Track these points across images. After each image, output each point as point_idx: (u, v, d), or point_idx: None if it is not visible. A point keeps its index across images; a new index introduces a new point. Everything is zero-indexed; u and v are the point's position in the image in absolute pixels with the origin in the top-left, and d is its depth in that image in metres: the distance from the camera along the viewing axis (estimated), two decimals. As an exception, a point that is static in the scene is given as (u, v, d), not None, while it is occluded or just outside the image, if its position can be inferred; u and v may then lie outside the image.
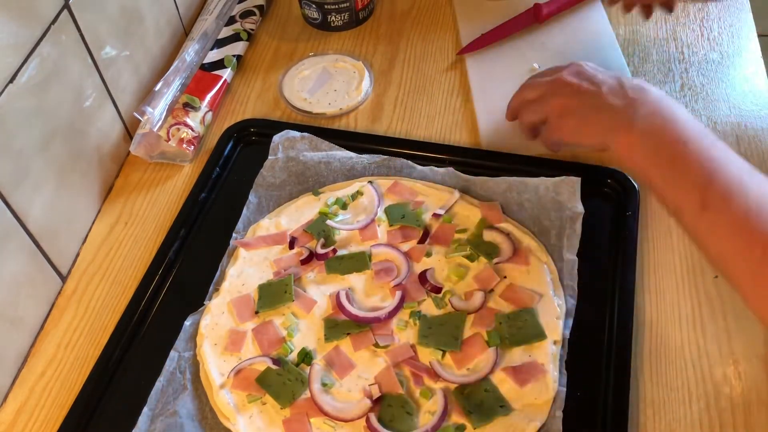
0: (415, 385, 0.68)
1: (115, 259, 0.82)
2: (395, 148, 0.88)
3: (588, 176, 0.80)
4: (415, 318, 0.72)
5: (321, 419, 0.66)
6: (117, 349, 0.72)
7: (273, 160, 0.86)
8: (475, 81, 0.97)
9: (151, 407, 0.67)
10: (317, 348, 0.71)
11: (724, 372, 0.69)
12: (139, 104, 0.89)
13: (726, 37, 1.00)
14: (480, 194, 0.82)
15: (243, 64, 1.03)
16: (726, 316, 0.73)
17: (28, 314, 0.74)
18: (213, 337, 0.72)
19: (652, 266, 0.77)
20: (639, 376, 0.69)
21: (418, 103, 0.96)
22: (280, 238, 0.80)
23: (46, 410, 0.70)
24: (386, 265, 0.77)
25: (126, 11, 0.88)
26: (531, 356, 0.69)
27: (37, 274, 0.75)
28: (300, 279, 0.77)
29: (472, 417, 0.65)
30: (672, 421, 0.66)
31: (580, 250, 0.75)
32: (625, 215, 0.79)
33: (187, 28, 1.04)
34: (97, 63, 0.82)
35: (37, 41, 0.71)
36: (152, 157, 0.90)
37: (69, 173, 0.80)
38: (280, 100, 0.97)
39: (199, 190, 0.85)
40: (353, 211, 0.82)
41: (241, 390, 0.69)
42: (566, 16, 1.04)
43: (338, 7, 1.03)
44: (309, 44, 1.05)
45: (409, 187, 0.83)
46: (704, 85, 0.94)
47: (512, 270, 0.75)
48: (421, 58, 1.02)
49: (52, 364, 0.74)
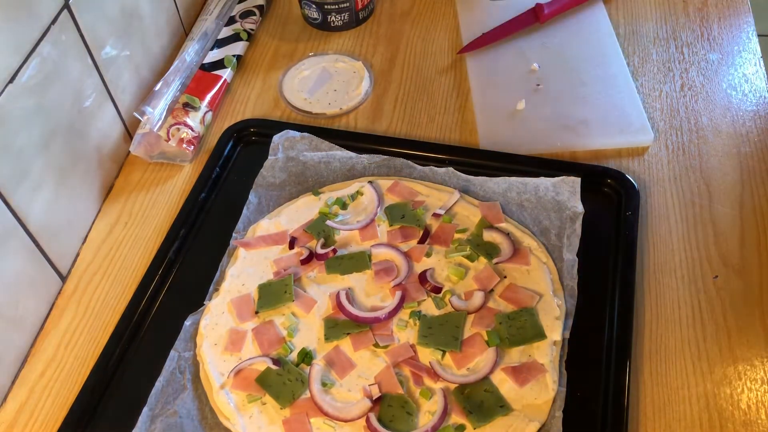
0: (415, 385, 0.68)
1: (115, 259, 0.82)
2: (395, 148, 0.88)
3: (588, 176, 0.80)
4: (415, 318, 0.72)
5: (321, 419, 0.66)
6: (117, 349, 0.72)
7: (273, 160, 0.86)
8: (475, 81, 0.97)
9: (151, 407, 0.67)
10: (317, 348, 0.71)
11: (724, 372, 0.69)
12: (139, 104, 0.89)
13: (726, 37, 1.00)
14: (480, 194, 0.82)
15: (243, 64, 1.03)
16: (726, 316, 0.73)
17: (28, 314, 0.74)
18: (213, 337, 0.72)
19: (652, 266, 0.77)
20: (639, 376, 0.69)
21: (418, 103, 0.96)
22: (280, 238, 0.80)
23: (46, 410, 0.70)
24: (386, 265, 0.77)
25: (126, 11, 0.88)
26: (531, 356, 0.69)
27: (37, 274, 0.75)
28: (300, 279, 0.77)
29: (472, 417, 0.65)
30: (672, 421, 0.66)
31: (580, 250, 0.75)
32: (625, 215, 0.79)
33: (187, 28, 1.04)
34: (97, 63, 0.82)
35: (37, 41, 0.71)
36: (152, 157, 0.90)
37: (69, 173, 0.80)
38: (280, 100, 0.97)
39: (199, 190, 0.85)
40: (353, 211, 0.82)
41: (241, 390, 0.69)
42: (567, 16, 1.04)
43: (338, 7, 1.03)
44: (309, 44, 1.05)
45: (409, 187, 0.83)
46: (704, 85, 0.94)
47: (512, 270, 0.75)
48: (421, 58, 1.02)
49: (52, 364, 0.74)
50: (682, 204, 0.82)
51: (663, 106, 0.92)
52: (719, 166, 0.85)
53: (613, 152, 0.87)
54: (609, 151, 0.88)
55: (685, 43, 1.00)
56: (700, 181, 0.84)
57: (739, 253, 0.77)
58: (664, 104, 0.92)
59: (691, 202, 0.82)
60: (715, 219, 0.80)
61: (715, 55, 0.98)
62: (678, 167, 0.85)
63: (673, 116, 0.91)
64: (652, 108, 0.92)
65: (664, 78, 0.96)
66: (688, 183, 0.84)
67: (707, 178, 0.84)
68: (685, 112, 0.91)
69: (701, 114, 0.91)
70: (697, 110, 0.91)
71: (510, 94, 0.94)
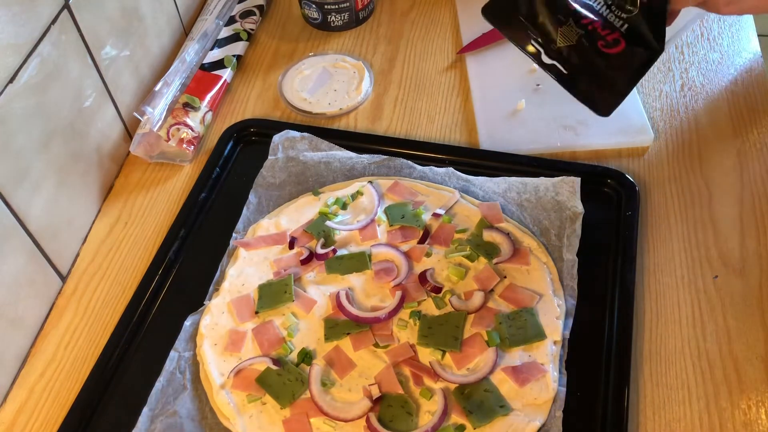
0: (415, 385, 0.68)
1: (115, 259, 0.82)
2: (395, 148, 0.88)
3: (588, 176, 0.80)
4: (415, 318, 0.72)
5: (321, 419, 0.66)
6: (117, 349, 0.72)
7: (273, 160, 0.86)
8: (475, 81, 0.97)
9: (151, 407, 0.67)
10: (317, 348, 0.71)
11: (724, 372, 0.69)
12: (139, 104, 0.89)
13: (726, 37, 1.00)
14: (480, 194, 0.82)
15: (243, 64, 1.03)
16: (726, 316, 0.73)
17: (28, 314, 0.74)
18: (213, 337, 0.72)
19: (652, 266, 0.77)
20: (639, 376, 0.69)
21: (418, 103, 0.96)
22: (280, 238, 0.80)
23: (46, 410, 0.70)
24: (386, 265, 0.77)
25: (126, 11, 0.88)
26: (531, 356, 0.69)
27: (37, 274, 0.75)
28: (300, 279, 0.77)
29: (472, 417, 0.65)
30: (672, 421, 0.66)
31: (580, 250, 0.75)
32: (625, 215, 0.79)
33: (187, 28, 1.04)
34: (97, 63, 0.82)
35: (37, 41, 0.71)
36: (152, 157, 0.90)
37: (69, 173, 0.80)
38: (280, 100, 0.97)
39: (199, 190, 0.85)
40: (353, 211, 0.82)
41: (241, 390, 0.69)
42: (566, 16, 1.04)
43: (338, 7, 1.03)
44: (309, 44, 1.05)
45: (409, 187, 0.83)
46: (704, 85, 0.94)
47: (512, 270, 0.75)
48: (421, 58, 1.02)
49: (52, 364, 0.74)
50: (682, 204, 0.82)
51: (663, 106, 0.92)
52: (719, 166, 0.85)
53: (613, 152, 0.87)
54: (609, 151, 0.88)
55: (685, 43, 1.00)
56: (700, 181, 0.84)
57: (739, 253, 0.77)
58: (664, 104, 0.92)
59: (691, 202, 0.82)
60: (715, 219, 0.80)
61: (715, 55, 0.98)
62: (678, 167, 0.85)
63: (673, 116, 0.91)
64: (652, 108, 0.92)
65: (664, 78, 0.96)
66: (688, 183, 0.84)
67: (707, 178, 0.84)
68: (685, 112, 0.91)
69: (701, 114, 0.91)
70: (697, 110, 0.91)
71: (510, 94, 0.94)
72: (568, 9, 0.69)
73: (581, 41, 0.69)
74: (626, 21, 0.69)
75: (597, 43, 0.69)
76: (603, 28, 0.69)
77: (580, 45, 0.69)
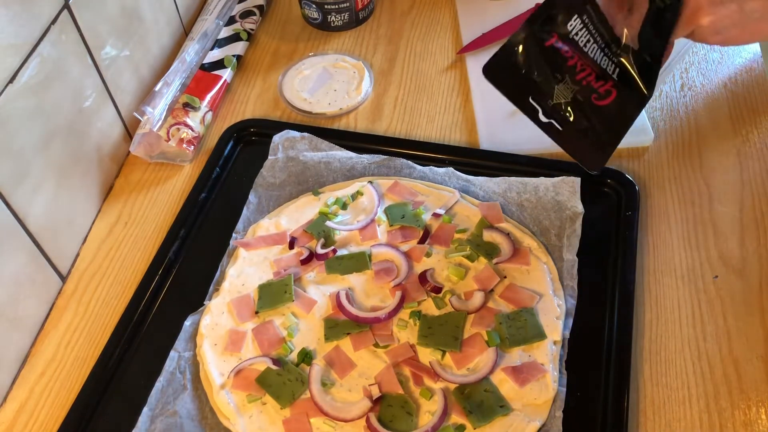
0: (415, 385, 0.68)
1: (115, 259, 0.82)
2: (395, 148, 0.88)
3: (588, 176, 0.80)
4: (415, 318, 0.72)
5: (321, 419, 0.66)
6: (117, 349, 0.72)
7: (273, 160, 0.86)
8: (475, 81, 0.97)
9: (151, 407, 0.67)
10: (317, 348, 0.71)
11: (724, 372, 0.69)
12: (139, 104, 0.89)
13: (726, 37, 1.00)
14: (480, 194, 0.82)
15: (243, 64, 1.03)
16: (726, 316, 0.73)
17: (28, 314, 0.74)
18: (213, 337, 0.72)
19: (652, 266, 0.77)
20: (639, 376, 0.69)
21: (418, 103, 0.96)
22: (280, 238, 0.80)
23: (46, 410, 0.70)
24: (386, 265, 0.77)
25: (126, 11, 0.88)
26: (531, 356, 0.69)
27: (37, 274, 0.75)
28: (300, 279, 0.77)
29: (472, 417, 0.65)
30: (672, 421, 0.66)
31: (580, 250, 0.75)
32: (625, 215, 0.79)
33: (187, 28, 1.04)
34: (97, 63, 0.82)
35: (37, 41, 0.71)
36: (152, 157, 0.90)
37: (69, 173, 0.80)
38: (280, 100, 0.97)
39: (199, 190, 0.85)
40: (353, 211, 0.82)
41: (241, 390, 0.69)
42: (566, 16, 1.04)
43: (338, 7, 1.03)
44: (309, 44, 1.05)
45: (409, 187, 0.83)
46: (704, 85, 0.94)
47: (512, 270, 0.75)
48: (421, 58, 1.02)
49: (52, 364, 0.74)
50: (682, 204, 0.82)
51: (663, 106, 0.92)
52: (719, 166, 0.85)
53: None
54: (609, 151, 0.88)
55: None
56: (700, 181, 0.84)
57: (739, 253, 0.77)
58: (664, 104, 0.92)
59: (691, 202, 0.82)
60: (715, 219, 0.80)
61: (715, 54, 0.98)
62: (678, 167, 0.85)
63: (673, 116, 0.91)
64: (652, 108, 0.92)
65: (664, 78, 0.95)
66: (688, 183, 0.84)
67: (707, 178, 0.84)
68: (685, 112, 0.91)
69: (701, 114, 0.91)
70: (697, 110, 0.91)
71: (510, 94, 0.94)
72: (565, 65, 0.70)
73: (576, 97, 0.71)
74: (618, 65, 0.71)
75: (590, 97, 0.71)
76: (597, 80, 0.71)
77: (575, 101, 0.71)
